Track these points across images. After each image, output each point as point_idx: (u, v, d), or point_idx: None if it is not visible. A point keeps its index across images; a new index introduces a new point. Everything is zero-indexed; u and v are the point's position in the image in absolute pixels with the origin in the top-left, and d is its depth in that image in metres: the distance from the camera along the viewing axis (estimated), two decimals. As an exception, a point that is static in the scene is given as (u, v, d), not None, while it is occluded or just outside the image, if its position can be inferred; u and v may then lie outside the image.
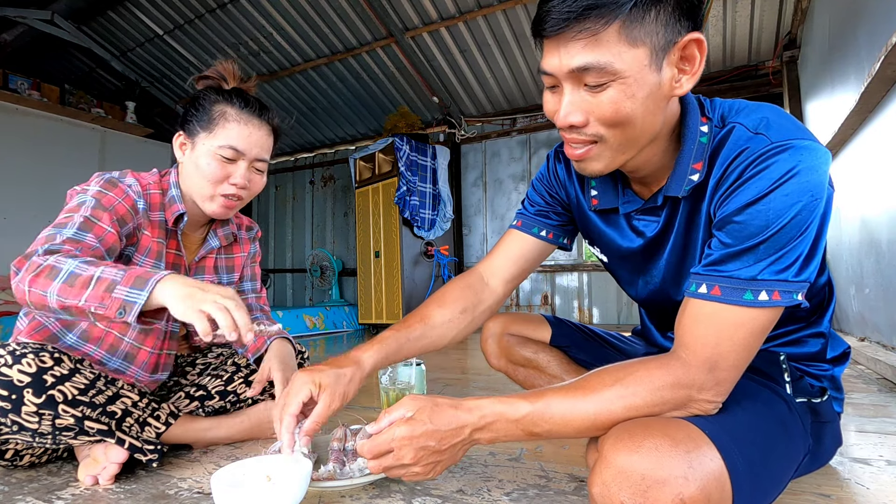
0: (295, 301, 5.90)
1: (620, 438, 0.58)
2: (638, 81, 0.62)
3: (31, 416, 0.88)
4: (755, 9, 3.22)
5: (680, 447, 0.56)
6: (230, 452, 1.16)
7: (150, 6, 4.21)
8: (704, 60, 0.65)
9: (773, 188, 0.60)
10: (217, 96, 1.09)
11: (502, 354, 1.16)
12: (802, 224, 0.60)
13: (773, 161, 0.61)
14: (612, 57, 0.61)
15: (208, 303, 0.78)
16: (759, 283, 0.61)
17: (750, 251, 0.62)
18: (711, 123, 0.71)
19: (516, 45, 3.88)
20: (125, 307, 0.79)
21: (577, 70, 0.63)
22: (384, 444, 0.67)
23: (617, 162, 0.71)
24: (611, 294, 4.15)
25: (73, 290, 0.80)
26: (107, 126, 4.59)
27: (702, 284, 0.65)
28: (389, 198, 4.06)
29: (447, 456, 0.68)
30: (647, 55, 0.62)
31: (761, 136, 0.64)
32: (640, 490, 0.54)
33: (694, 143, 0.70)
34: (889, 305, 1.92)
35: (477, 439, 0.69)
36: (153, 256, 1.10)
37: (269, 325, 0.89)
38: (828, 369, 0.85)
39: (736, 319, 0.62)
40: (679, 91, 0.66)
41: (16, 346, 0.90)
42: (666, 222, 0.78)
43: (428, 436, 0.66)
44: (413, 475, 0.69)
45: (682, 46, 0.63)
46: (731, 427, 0.62)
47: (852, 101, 1.98)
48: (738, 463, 0.58)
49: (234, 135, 1.06)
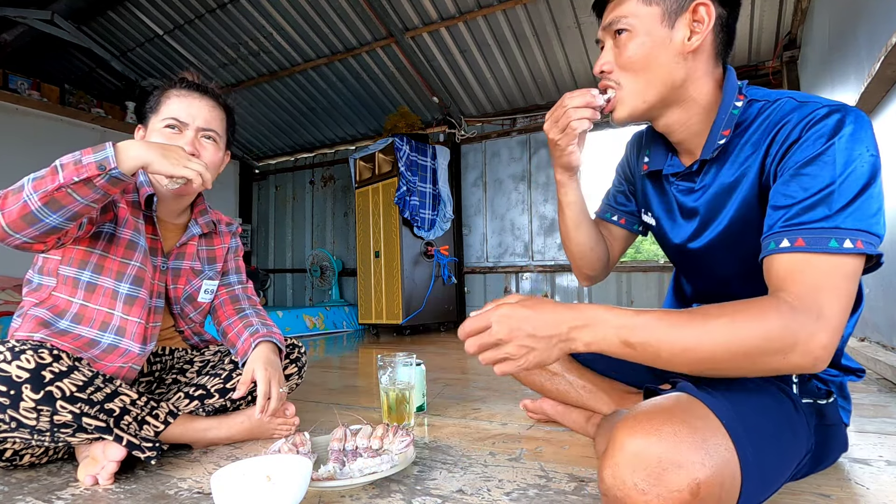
0: (295, 301, 5.90)
1: (638, 421, 0.59)
2: (650, 32, 0.79)
3: (30, 413, 0.88)
4: (755, 9, 3.23)
5: (697, 434, 0.57)
6: (230, 452, 1.16)
7: (150, 6, 4.21)
8: (713, 21, 0.77)
9: (834, 141, 0.66)
10: (163, 85, 1.18)
11: None
12: (864, 175, 0.64)
13: (830, 119, 0.68)
14: (630, 12, 0.79)
15: (190, 163, 0.97)
16: (842, 232, 0.63)
17: (823, 202, 0.65)
18: (745, 100, 0.80)
19: (516, 45, 3.88)
20: (102, 163, 0.88)
21: (608, 25, 0.83)
22: (483, 318, 0.66)
23: (639, 108, 0.83)
24: (611, 294, 4.15)
25: (46, 180, 0.87)
26: (107, 126, 4.59)
27: (782, 240, 0.66)
28: (389, 198, 4.06)
29: (542, 346, 0.65)
30: (660, 13, 0.78)
31: (811, 102, 0.72)
32: (656, 472, 0.55)
33: (726, 113, 0.80)
34: (889, 305, 1.92)
35: (573, 338, 0.65)
36: (131, 228, 1.14)
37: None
38: (837, 375, 0.85)
39: (828, 266, 0.63)
40: (690, 47, 0.78)
41: (14, 342, 0.90)
42: (703, 184, 0.86)
43: (526, 319, 0.65)
44: (504, 357, 0.65)
45: (693, 10, 0.77)
46: (744, 418, 0.62)
47: (852, 101, 1.98)
48: (748, 453, 0.59)
49: (174, 108, 1.14)
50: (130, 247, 1.13)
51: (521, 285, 4.52)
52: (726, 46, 0.82)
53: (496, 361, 0.66)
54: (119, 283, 1.12)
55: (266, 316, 1.36)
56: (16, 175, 1.00)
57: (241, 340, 1.25)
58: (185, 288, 1.26)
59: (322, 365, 2.63)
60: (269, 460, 0.85)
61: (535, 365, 0.66)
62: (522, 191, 4.53)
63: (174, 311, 1.28)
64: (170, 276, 1.24)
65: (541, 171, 4.45)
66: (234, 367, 1.28)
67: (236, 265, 1.41)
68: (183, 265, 1.26)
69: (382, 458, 0.97)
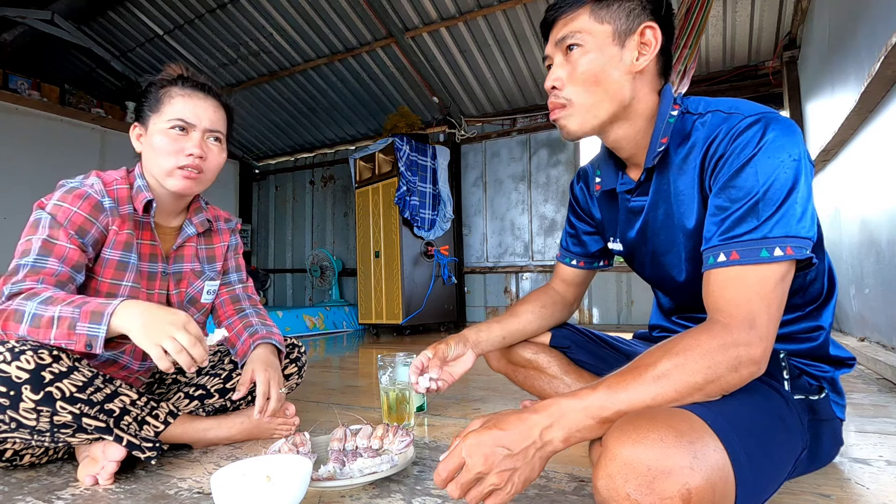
0: (295, 301, 5.90)
1: (625, 431, 0.58)
2: (601, 48, 0.81)
3: (29, 413, 0.88)
4: (755, 9, 3.23)
5: (684, 438, 0.56)
6: (230, 452, 1.16)
7: (150, 6, 4.21)
8: (659, 45, 0.81)
9: (756, 152, 0.70)
10: (162, 82, 1.13)
11: (502, 355, 1.16)
12: (788, 180, 0.68)
13: (751, 130, 0.72)
14: (582, 28, 0.81)
15: (166, 339, 0.87)
16: (771, 241, 0.67)
17: (751, 212, 0.69)
18: (680, 109, 0.84)
19: (516, 45, 3.88)
20: (91, 341, 0.88)
21: (559, 40, 0.83)
22: (455, 457, 0.64)
23: (588, 123, 0.84)
24: (610, 294, 4.15)
25: (41, 332, 0.89)
26: (107, 126, 4.59)
27: (719, 254, 0.70)
28: (389, 198, 4.06)
29: (521, 462, 0.63)
30: (611, 32, 0.80)
31: (736, 113, 0.76)
32: (646, 481, 0.54)
33: (663, 122, 0.83)
34: (889, 305, 1.92)
35: (549, 440, 0.64)
36: (119, 248, 1.09)
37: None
38: (828, 371, 0.86)
39: (759, 276, 0.67)
40: (638, 67, 0.81)
41: (15, 343, 0.90)
42: (653, 198, 0.88)
43: (497, 439, 0.63)
44: (492, 490, 0.63)
45: (641, 32, 0.80)
46: (732, 418, 0.62)
47: (852, 101, 1.98)
48: (740, 454, 0.59)
49: (179, 108, 1.10)
50: (120, 267, 1.10)
51: (521, 285, 4.52)
52: (666, 67, 0.87)
53: (484, 497, 0.64)
54: None
55: (266, 315, 1.36)
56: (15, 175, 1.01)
57: (240, 341, 1.25)
58: (186, 291, 1.24)
59: (322, 365, 2.63)
60: (269, 460, 0.85)
61: (525, 484, 0.64)
62: (522, 191, 4.53)
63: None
64: (171, 280, 1.21)
65: (541, 171, 4.46)
66: (234, 366, 1.28)
67: (236, 263, 1.38)
68: (184, 268, 1.24)
69: (382, 458, 0.97)
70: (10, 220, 3.84)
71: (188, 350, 0.88)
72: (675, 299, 1.00)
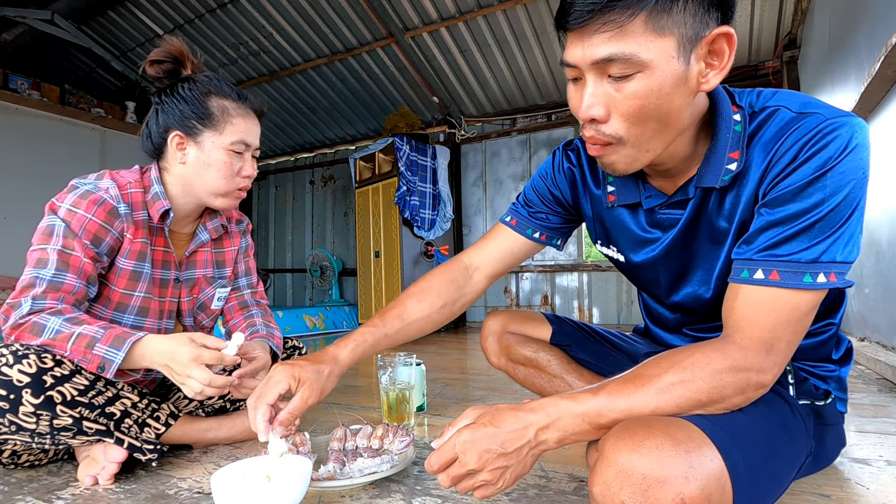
0: (295, 301, 5.90)
1: (622, 438, 0.57)
2: (665, 73, 0.60)
3: (29, 417, 0.88)
4: (755, 9, 3.22)
5: (680, 447, 0.56)
6: (230, 452, 1.16)
7: (150, 6, 4.21)
8: (733, 56, 0.64)
9: (832, 165, 0.60)
10: (207, 88, 1.07)
11: (502, 353, 1.16)
12: (853, 201, 0.61)
13: (832, 137, 0.61)
14: (638, 47, 0.59)
15: (187, 385, 0.92)
16: (819, 266, 0.61)
17: (805, 231, 0.61)
18: (743, 111, 0.70)
19: (516, 45, 3.88)
20: (104, 364, 0.90)
21: (601, 61, 0.61)
22: (448, 451, 0.64)
23: (641, 160, 0.69)
24: (611, 294, 4.15)
25: (56, 343, 0.91)
26: (107, 126, 4.59)
27: (757, 270, 0.64)
28: (389, 198, 4.05)
29: (514, 461, 0.64)
30: (675, 46, 0.60)
31: (813, 114, 0.63)
32: (641, 489, 0.54)
33: (728, 132, 0.69)
34: (889, 305, 1.92)
35: (543, 440, 0.64)
36: (133, 258, 1.07)
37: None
38: (834, 370, 0.85)
39: (795, 302, 0.62)
40: (706, 87, 0.64)
41: (19, 345, 0.90)
42: (695, 213, 0.76)
43: (490, 438, 0.63)
44: (482, 485, 0.64)
45: (711, 40, 0.62)
46: (731, 427, 0.61)
47: (852, 101, 1.98)
48: (738, 463, 0.58)
49: (241, 129, 1.09)
50: (133, 277, 1.08)
51: (521, 285, 4.52)
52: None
53: (474, 489, 0.64)
54: (122, 314, 1.08)
55: (272, 317, 1.34)
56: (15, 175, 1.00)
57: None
58: (198, 297, 1.23)
59: (322, 365, 2.63)
60: (269, 460, 0.85)
61: (515, 480, 0.65)
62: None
63: (185, 324, 1.24)
64: (183, 287, 1.20)
65: (541, 171, 4.45)
66: (234, 367, 1.27)
67: (246, 266, 1.35)
68: (196, 274, 1.21)
69: (382, 458, 0.97)
70: (10, 220, 3.84)
71: (206, 391, 0.93)
72: (686, 315, 0.89)
